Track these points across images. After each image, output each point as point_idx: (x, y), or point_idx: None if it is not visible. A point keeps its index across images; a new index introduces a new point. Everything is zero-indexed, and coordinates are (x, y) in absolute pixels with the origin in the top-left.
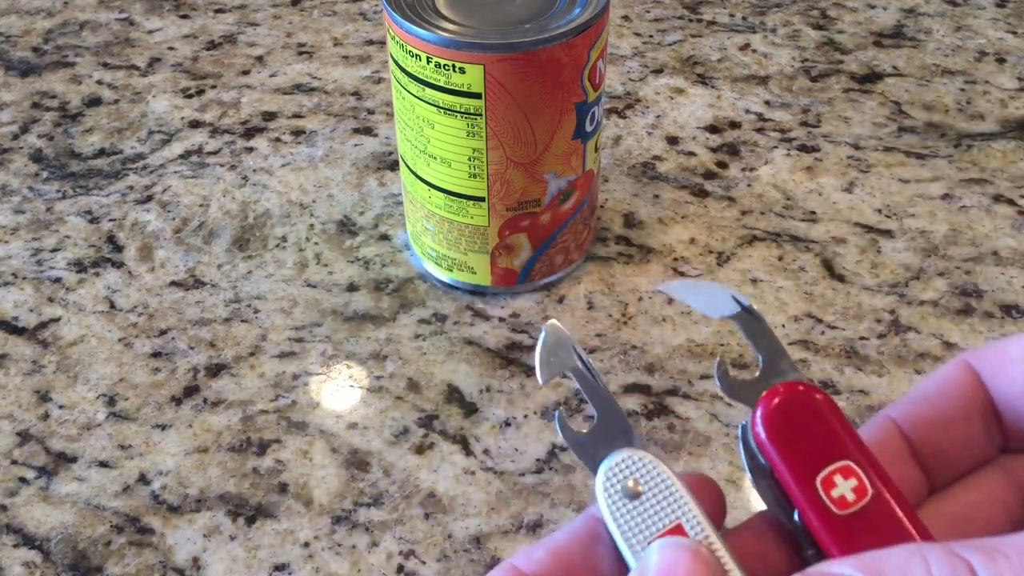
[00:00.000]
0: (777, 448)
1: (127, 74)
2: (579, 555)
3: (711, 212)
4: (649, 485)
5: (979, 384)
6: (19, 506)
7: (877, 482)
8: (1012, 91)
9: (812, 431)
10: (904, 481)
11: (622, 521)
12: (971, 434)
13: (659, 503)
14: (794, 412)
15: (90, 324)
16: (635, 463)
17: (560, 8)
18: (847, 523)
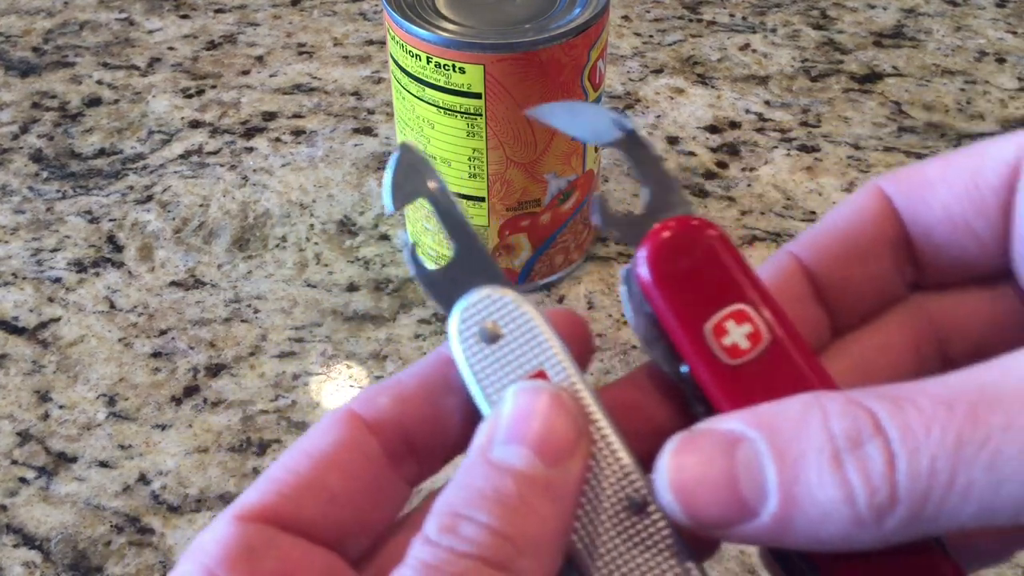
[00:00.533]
0: (662, 291)
1: (127, 74)
2: (427, 403)
3: (711, 212)
4: (510, 327)
5: (892, 212)
6: (19, 506)
7: (776, 327)
8: (1012, 91)
9: (703, 272)
10: (805, 323)
11: (478, 367)
12: (880, 269)
13: (520, 347)
14: (683, 250)
15: (90, 324)
16: (494, 303)
17: (560, 8)
18: (740, 374)
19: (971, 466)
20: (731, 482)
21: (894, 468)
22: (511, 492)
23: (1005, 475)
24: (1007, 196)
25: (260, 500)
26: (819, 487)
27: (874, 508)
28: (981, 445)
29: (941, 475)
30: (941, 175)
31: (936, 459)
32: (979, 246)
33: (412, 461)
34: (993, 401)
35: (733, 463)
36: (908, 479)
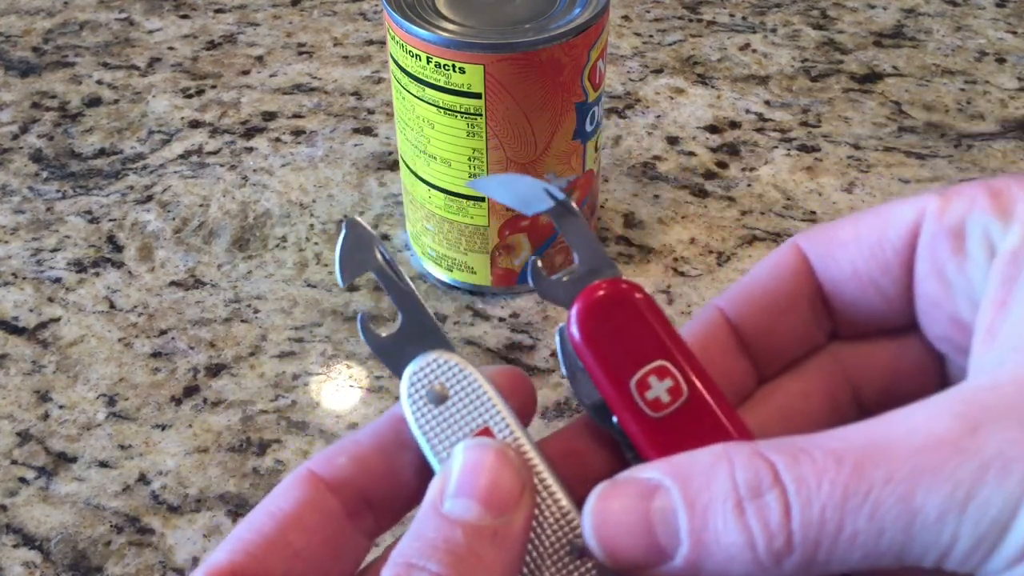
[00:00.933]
0: (592, 349)
1: (127, 74)
2: (382, 462)
3: (711, 212)
4: (455, 389)
5: (808, 268)
6: (19, 506)
7: (694, 381)
8: (1012, 91)
9: (628, 331)
10: (731, 373)
11: (427, 427)
12: (799, 321)
13: (466, 407)
14: (610, 311)
15: (90, 324)
16: (440, 366)
17: (560, 8)
18: (662, 425)
19: (856, 516)
20: (648, 529)
21: (790, 517)
22: (460, 542)
23: (885, 524)
24: (909, 256)
25: (228, 559)
26: (724, 533)
27: (772, 553)
28: (864, 497)
29: (830, 524)
30: (852, 235)
31: (826, 509)
32: (886, 302)
33: (369, 516)
34: (877, 455)
35: (650, 511)
36: (802, 527)
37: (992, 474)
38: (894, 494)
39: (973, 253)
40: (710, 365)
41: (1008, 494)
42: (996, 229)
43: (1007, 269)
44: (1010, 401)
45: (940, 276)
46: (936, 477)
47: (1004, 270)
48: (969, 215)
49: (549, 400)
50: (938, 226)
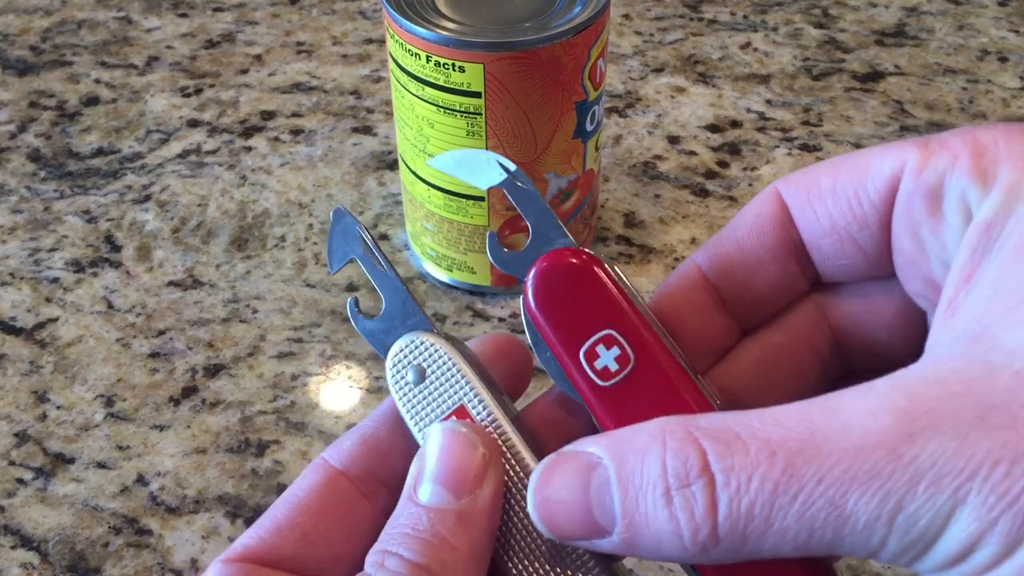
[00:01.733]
0: (546, 319)
1: (125, 73)
2: (387, 439)
3: (712, 212)
4: (432, 368)
5: (788, 218)
6: (17, 507)
7: (641, 349)
8: (1014, 90)
9: (578, 300)
10: (709, 329)
11: (409, 405)
12: (778, 273)
13: (442, 386)
14: (560, 281)
15: (88, 324)
16: (419, 346)
17: (560, 7)
18: (612, 394)
19: (785, 514)
20: (585, 506)
21: (716, 510)
22: (426, 528)
23: (815, 525)
24: (887, 211)
25: (243, 544)
26: (653, 519)
27: (697, 543)
28: (794, 497)
29: (759, 519)
30: (830, 185)
31: (754, 505)
32: (864, 256)
33: (385, 492)
34: (811, 451)
35: (587, 489)
36: (728, 519)
37: (923, 487)
38: (824, 496)
39: (949, 217)
40: (687, 322)
41: (937, 510)
42: (974, 194)
43: (978, 241)
44: (954, 404)
45: (915, 236)
46: (868, 485)
47: (975, 242)
48: (949, 176)
49: None
50: (916, 184)
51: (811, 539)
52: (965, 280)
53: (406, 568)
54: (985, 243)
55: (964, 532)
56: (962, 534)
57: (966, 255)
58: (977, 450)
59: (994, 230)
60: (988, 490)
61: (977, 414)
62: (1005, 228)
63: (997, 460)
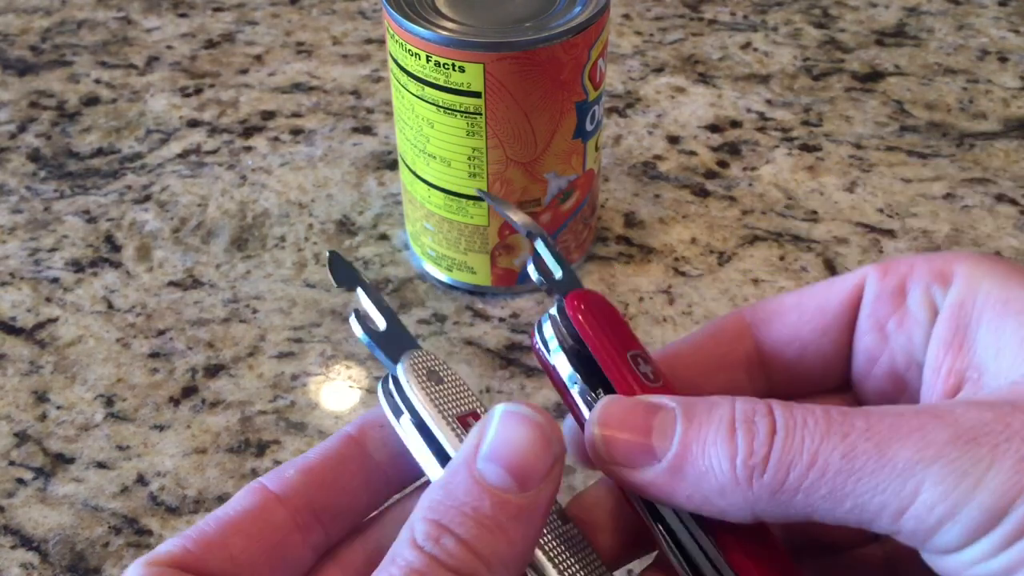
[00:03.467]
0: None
1: (125, 73)
2: (330, 474)
3: (712, 212)
4: (446, 375)
5: (748, 334)
6: (17, 507)
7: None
8: (1014, 90)
9: (613, 324)
10: None
11: (435, 399)
12: (728, 381)
13: (457, 391)
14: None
15: (88, 324)
16: (431, 359)
17: (560, 7)
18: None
19: (830, 453)
20: (645, 431)
21: (773, 441)
22: (487, 513)
23: (855, 465)
24: (849, 317)
25: (168, 551)
26: (712, 444)
27: (748, 468)
28: (842, 439)
29: (807, 454)
30: (794, 303)
31: (805, 440)
32: (822, 363)
33: (319, 529)
34: (861, 414)
35: (651, 419)
36: (781, 450)
37: (966, 443)
38: (870, 440)
39: (914, 310)
40: None
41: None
42: (937, 289)
43: (954, 319)
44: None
45: (881, 331)
46: (910, 436)
47: (952, 320)
48: (910, 278)
49: (550, 400)
50: (881, 286)
51: (847, 483)
52: (954, 350)
53: (463, 553)
54: (961, 319)
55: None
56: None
57: (948, 331)
58: None
59: (966, 308)
60: None
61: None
62: (976, 304)
63: None
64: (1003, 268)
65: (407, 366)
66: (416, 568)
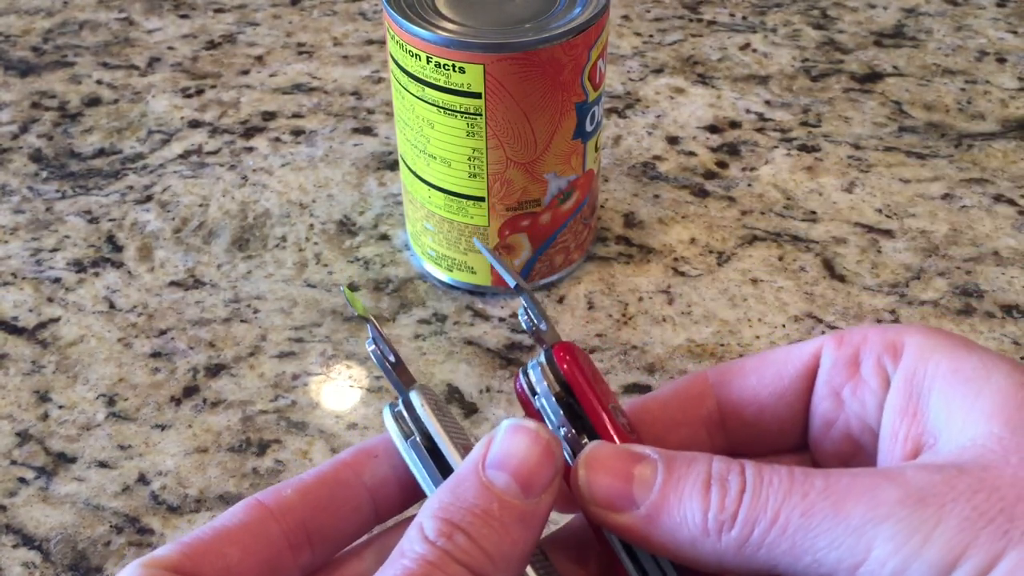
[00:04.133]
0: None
1: (126, 74)
2: (325, 495)
3: (711, 212)
4: (445, 411)
5: (710, 394)
6: (19, 506)
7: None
8: (1013, 91)
9: (593, 376)
10: None
11: (442, 423)
12: (686, 435)
13: (456, 424)
14: (582, 357)
15: (89, 324)
16: (435, 394)
17: (560, 8)
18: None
19: (791, 511)
20: (627, 478)
21: (742, 499)
22: (495, 515)
23: (813, 523)
24: (806, 383)
25: (166, 554)
26: (688, 498)
27: (718, 522)
28: (802, 498)
29: (770, 511)
30: (755, 366)
31: (769, 499)
32: (779, 424)
33: (308, 550)
34: (821, 476)
35: (633, 467)
36: (748, 507)
37: (915, 503)
38: (828, 499)
39: (867, 378)
40: None
41: (927, 525)
42: (888, 359)
43: (906, 388)
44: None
45: (836, 398)
46: (863, 495)
47: (904, 389)
48: (863, 348)
49: None
50: (836, 355)
51: (806, 537)
52: (909, 416)
53: (473, 548)
54: (913, 388)
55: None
56: None
57: (902, 400)
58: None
59: (917, 377)
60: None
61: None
62: (927, 374)
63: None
64: (951, 340)
65: (420, 393)
66: (429, 559)
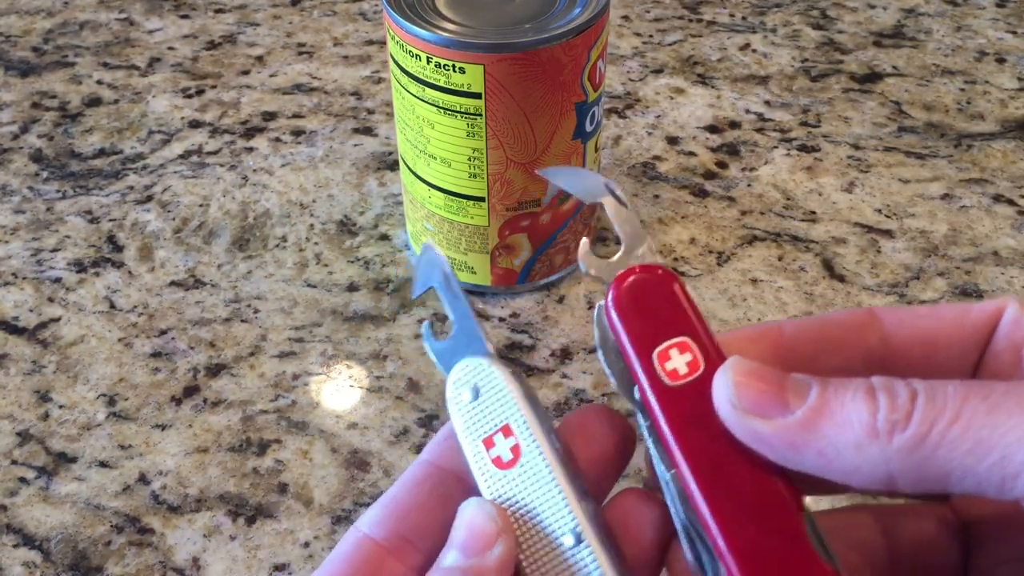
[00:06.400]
0: (623, 323)
1: (127, 74)
2: (408, 501)
3: (711, 212)
4: (486, 389)
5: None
6: (19, 506)
7: (713, 358)
8: (1012, 91)
9: (658, 310)
10: None
11: (461, 419)
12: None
13: (491, 405)
14: (643, 292)
15: (90, 324)
16: (476, 367)
17: (560, 8)
18: (677, 393)
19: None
20: (780, 383)
21: (915, 402)
22: None
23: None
24: (985, 334)
25: None
26: (851, 400)
27: (889, 422)
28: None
29: (949, 411)
30: (931, 312)
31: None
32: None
33: (411, 549)
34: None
35: (785, 378)
36: (923, 409)
37: None
38: (1013, 397)
39: None
40: None
41: None
42: None
43: None
44: None
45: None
46: None
47: None
48: None
49: (549, 400)
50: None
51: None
52: None
53: None
54: None
55: None
56: None
57: None
58: None
59: None
60: None
61: None
62: None
63: None
64: None
65: (450, 383)
66: None
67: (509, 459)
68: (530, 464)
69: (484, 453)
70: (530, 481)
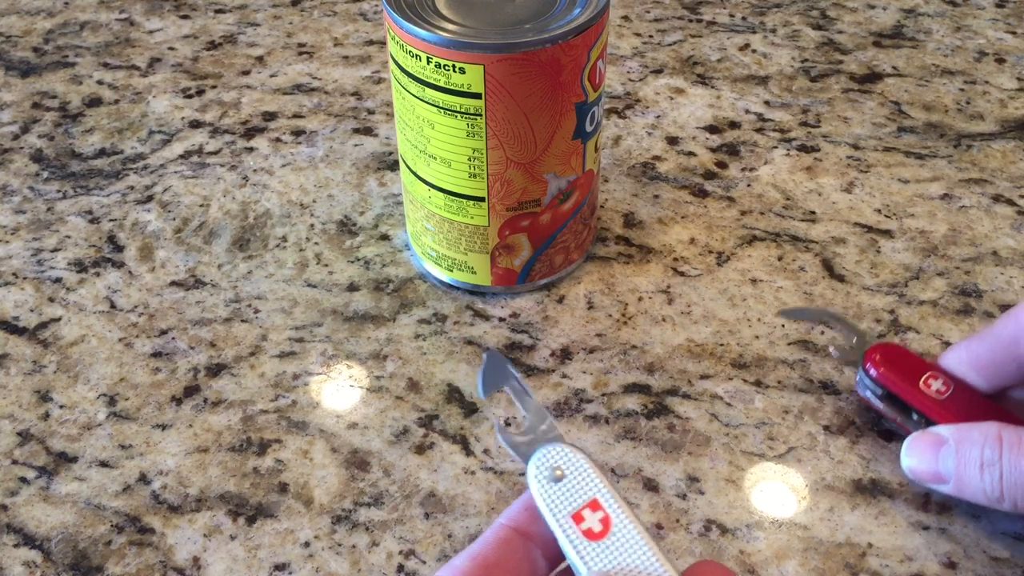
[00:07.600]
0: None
1: (127, 74)
2: (491, 556)
3: (711, 212)
4: (569, 470)
5: None
6: (20, 506)
7: (952, 382)
8: (1011, 91)
9: (908, 361)
10: None
11: (549, 501)
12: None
13: (577, 484)
14: (896, 351)
15: (90, 324)
16: (557, 453)
17: (560, 8)
18: (943, 404)
19: None
20: (934, 466)
21: (1003, 482)
22: None
23: None
24: None
25: None
26: (971, 479)
27: (994, 499)
28: None
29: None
30: None
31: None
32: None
33: None
34: None
35: (936, 455)
36: (1008, 487)
37: None
38: None
39: None
40: None
41: None
42: None
43: None
44: None
45: None
46: None
47: None
48: None
49: (549, 400)
50: None
51: None
52: None
53: None
54: None
55: None
56: None
57: None
58: None
59: None
60: None
61: None
62: None
63: None
64: None
65: (531, 469)
66: None
67: (600, 530)
68: (621, 532)
69: (574, 527)
70: (625, 546)
